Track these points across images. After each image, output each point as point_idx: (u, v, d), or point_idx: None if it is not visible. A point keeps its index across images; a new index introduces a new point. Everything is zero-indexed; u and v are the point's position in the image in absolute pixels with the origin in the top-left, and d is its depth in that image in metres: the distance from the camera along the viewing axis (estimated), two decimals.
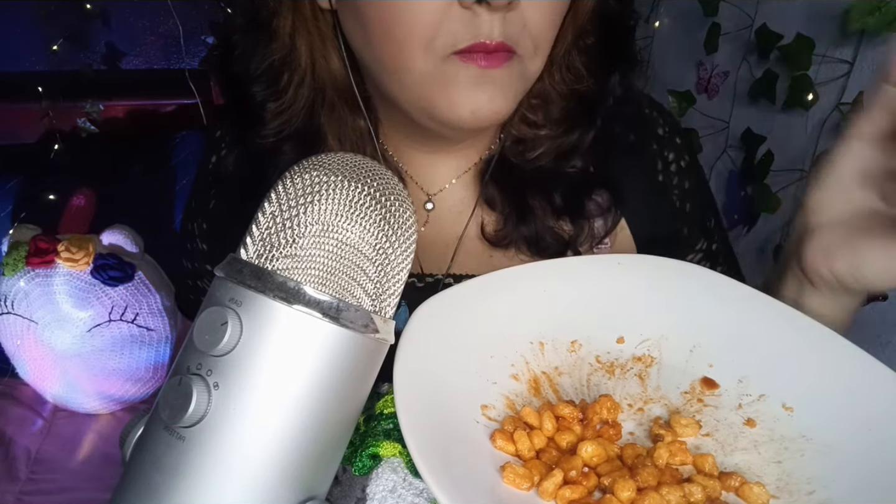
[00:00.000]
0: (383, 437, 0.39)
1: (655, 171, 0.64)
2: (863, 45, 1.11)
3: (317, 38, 0.56)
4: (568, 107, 0.60)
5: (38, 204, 1.68)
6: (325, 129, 0.59)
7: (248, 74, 0.56)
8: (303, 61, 0.56)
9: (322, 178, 0.33)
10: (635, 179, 0.63)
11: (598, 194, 0.61)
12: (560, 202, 0.60)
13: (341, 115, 0.59)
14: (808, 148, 1.23)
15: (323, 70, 0.57)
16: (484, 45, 0.47)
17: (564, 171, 0.60)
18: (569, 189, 0.60)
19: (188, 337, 0.32)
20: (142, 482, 0.31)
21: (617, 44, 0.59)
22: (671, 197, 0.65)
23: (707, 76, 1.47)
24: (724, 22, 1.38)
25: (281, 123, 0.57)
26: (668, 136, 0.65)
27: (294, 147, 0.58)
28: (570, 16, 0.55)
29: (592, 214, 0.60)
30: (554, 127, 0.60)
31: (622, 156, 0.62)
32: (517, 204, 0.60)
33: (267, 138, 0.57)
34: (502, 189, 0.61)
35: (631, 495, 0.35)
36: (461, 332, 0.43)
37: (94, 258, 1.44)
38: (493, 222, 0.62)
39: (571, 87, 0.59)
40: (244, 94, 0.57)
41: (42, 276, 1.43)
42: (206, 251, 0.68)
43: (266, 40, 0.55)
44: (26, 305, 1.45)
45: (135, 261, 1.50)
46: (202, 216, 0.68)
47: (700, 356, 0.46)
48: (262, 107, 0.57)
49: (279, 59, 0.56)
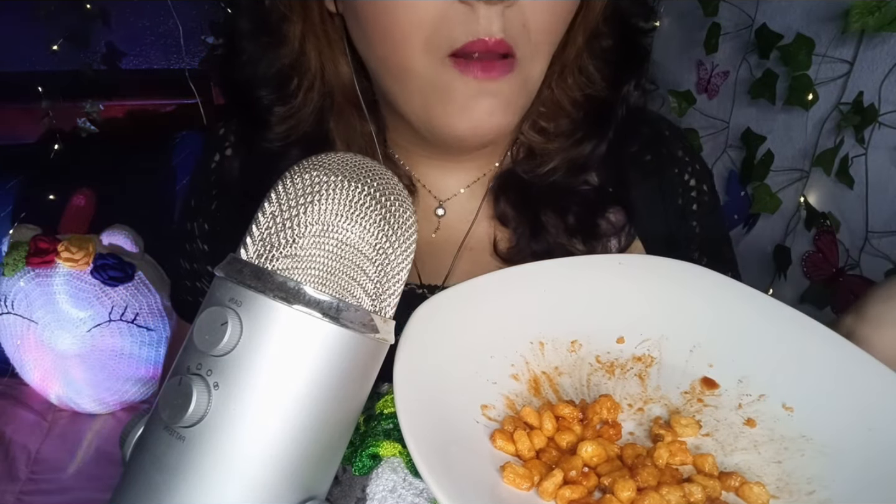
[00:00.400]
0: (383, 437, 0.39)
1: (675, 194, 0.63)
2: (863, 45, 1.11)
3: (325, 43, 0.56)
4: (579, 117, 0.58)
5: (38, 204, 1.68)
6: (333, 133, 0.58)
7: (255, 79, 0.56)
8: (312, 66, 0.56)
9: (322, 178, 0.33)
10: (653, 200, 0.62)
11: (614, 212, 0.59)
12: (573, 221, 0.58)
13: (350, 121, 0.59)
14: (808, 148, 1.24)
15: (332, 75, 0.57)
16: (483, 42, 0.46)
17: (578, 188, 0.59)
18: (583, 207, 0.58)
19: (188, 337, 0.32)
20: (142, 482, 0.31)
21: (632, 48, 0.57)
22: (690, 222, 0.63)
23: (707, 76, 1.47)
24: (724, 22, 1.38)
25: (288, 128, 0.57)
26: (689, 160, 0.64)
27: (301, 152, 0.57)
28: (580, 17, 0.54)
29: (606, 234, 0.59)
30: (564, 139, 0.58)
31: (639, 174, 0.61)
32: (530, 221, 0.59)
33: (273, 143, 0.57)
34: (515, 205, 0.59)
35: (631, 495, 0.35)
36: (461, 332, 0.43)
37: (94, 258, 1.44)
38: (507, 239, 0.60)
39: (584, 92, 0.58)
40: (250, 98, 0.56)
41: (42, 276, 1.43)
42: (207, 252, 0.67)
43: (275, 45, 0.55)
44: (26, 305, 1.45)
45: (135, 261, 1.50)
46: (203, 216, 0.66)
47: (700, 356, 0.46)
48: (268, 111, 0.56)
49: (288, 63, 0.55)
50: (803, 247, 1.26)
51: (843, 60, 1.14)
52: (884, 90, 1.08)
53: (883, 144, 1.09)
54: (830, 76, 1.17)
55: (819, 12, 1.18)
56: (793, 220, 1.28)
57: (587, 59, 0.57)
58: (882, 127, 1.08)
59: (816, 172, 1.22)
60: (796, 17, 1.23)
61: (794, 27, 1.22)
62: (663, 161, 0.63)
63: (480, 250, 0.61)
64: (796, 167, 1.26)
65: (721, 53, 1.41)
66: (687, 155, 0.64)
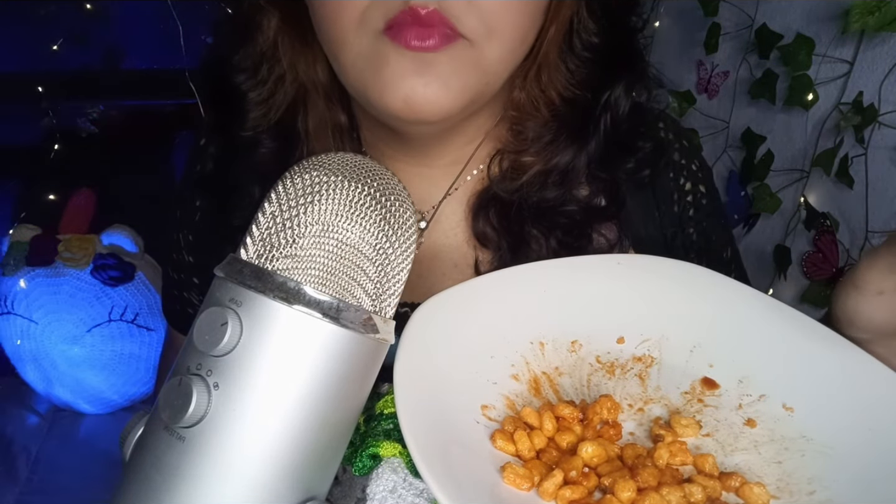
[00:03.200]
0: (383, 437, 0.39)
1: (671, 202, 0.59)
2: (863, 45, 1.11)
3: (297, 33, 0.54)
4: (556, 122, 0.54)
5: (38, 204, 1.68)
6: (304, 125, 0.57)
7: (231, 66, 0.55)
8: (285, 55, 0.55)
9: (322, 178, 0.33)
10: (647, 211, 0.59)
11: (606, 228, 0.56)
12: (556, 243, 0.54)
13: (321, 112, 0.57)
14: (808, 148, 1.24)
15: (305, 68, 0.56)
16: (415, 12, 0.43)
17: (563, 207, 0.55)
18: (568, 226, 0.55)
19: (188, 337, 0.32)
20: (142, 482, 0.31)
21: (619, 47, 0.53)
22: (688, 229, 0.60)
23: (707, 76, 1.47)
24: (724, 22, 1.38)
25: (261, 115, 0.56)
26: (685, 162, 0.60)
27: (272, 141, 0.56)
28: (551, 6, 0.50)
29: (598, 251, 0.55)
30: (541, 147, 0.54)
31: (632, 186, 0.57)
32: (510, 242, 0.55)
33: (247, 131, 0.56)
34: (495, 226, 0.56)
35: (631, 495, 0.35)
36: (461, 332, 0.43)
37: (94, 258, 1.44)
38: (488, 261, 0.57)
39: (561, 94, 0.54)
40: (228, 86, 0.56)
41: (42, 276, 1.43)
42: (192, 263, 0.67)
43: (251, 33, 0.54)
44: (26, 305, 1.45)
45: (135, 261, 1.50)
46: (188, 227, 0.66)
47: (700, 356, 0.46)
48: (244, 97, 0.55)
49: (262, 51, 0.54)
50: (803, 247, 1.26)
51: (843, 60, 1.14)
52: (884, 90, 1.08)
53: (883, 144, 1.09)
54: (830, 76, 1.17)
55: (819, 12, 1.18)
56: (793, 220, 1.28)
57: (565, 56, 0.53)
58: (882, 127, 1.08)
59: (816, 172, 1.22)
60: (796, 17, 1.22)
61: (794, 27, 1.22)
62: (659, 168, 0.58)
63: (465, 266, 0.58)
64: (796, 167, 1.26)
65: (721, 53, 1.41)
66: (683, 157, 0.61)
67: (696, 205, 0.61)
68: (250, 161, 0.57)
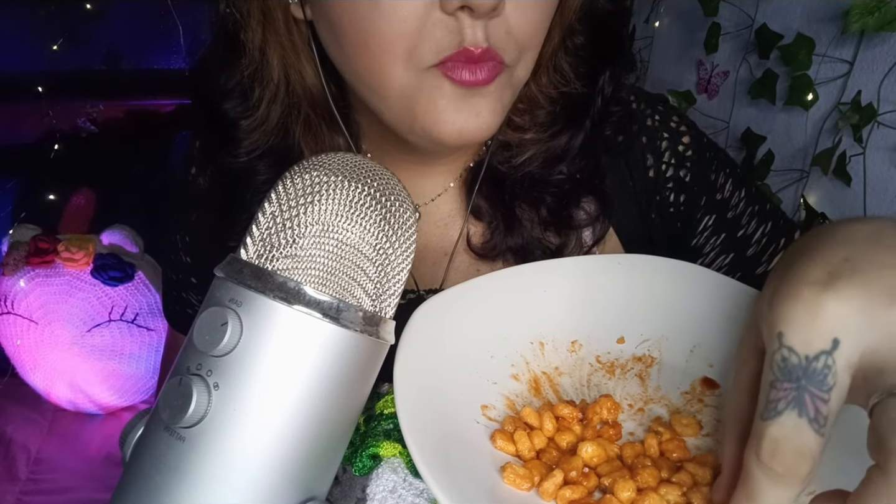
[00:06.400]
0: (383, 437, 0.39)
1: (645, 168, 0.61)
2: (863, 45, 1.11)
3: (290, 51, 0.53)
4: (555, 110, 0.57)
5: (38, 204, 1.68)
6: (300, 145, 0.56)
7: (219, 91, 0.54)
8: (275, 76, 0.53)
9: (322, 178, 0.33)
10: (622, 183, 0.60)
11: (587, 202, 0.58)
12: (546, 213, 0.57)
13: (318, 132, 0.57)
14: (808, 148, 1.24)
15: (297, 85, 0.55)
16: (469, 52, 0.44)
17: (552, 178, 0.57)
18: (557, 198, 0.57)
19: (188, 337, 0.32)
20: (142, 482, 0.31)
21: (606, 43, 0.56)
22: (664, 192, 0.61)
23: (707, 76, 1.47)
24: (724, 22, 1.38)
25: (254, 141, 0.55)
26: (660, 124, 0.61)
27: (268, 167, 0.55)
28: (557, 16, 0.52)
29: (581, 224, 0.58)
30: (540, 131, 0.57)
31: (609, 158, 0.59)
32: (504, 214, 0.57)
33: (240, 157, 0.55)
34: (489, 199, 0.58)
35: (631, 495, 0.35)
36: (461, 332, 0.43)
37: (94, 258, 1.44)
38: (480, 234, 0.59)
39: (559, 89, 0.56)
40: (217, 113, 0.55)
41: (42, 276, 1.43)
42: (189, 264, 0.67)
43: (235, 55, 0.53)
44: (26, 305, 1.45)
45: (135, 261, 1.50)
46: (184, 229, 0.66)
47: (700, 356, 0.46)
48: (234, 125, 0.55)
49: (249, 74, 0.53)
50: None
51: (842, 60, 1.14)
52: (883, 90, 1.08)
53: (882, 144, 1.09)
54: (830, 76, 1.17)
55: (819, 12, 1.18)
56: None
57: (562, 57, 0.56)
58: (881, 126, 1.08)
59: (816, 172, 1.22)
60: (796, 17, 1.22)
61: (794, 27, 1.22)
62: (633, 137, 0.60)
63: (457, 250, 0.60)
64: (796, 167, 1.26)
65: (721, 53, 1.41)
66: (659, 119, 0.61)
67: (674, 162, 0.61)
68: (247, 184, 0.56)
